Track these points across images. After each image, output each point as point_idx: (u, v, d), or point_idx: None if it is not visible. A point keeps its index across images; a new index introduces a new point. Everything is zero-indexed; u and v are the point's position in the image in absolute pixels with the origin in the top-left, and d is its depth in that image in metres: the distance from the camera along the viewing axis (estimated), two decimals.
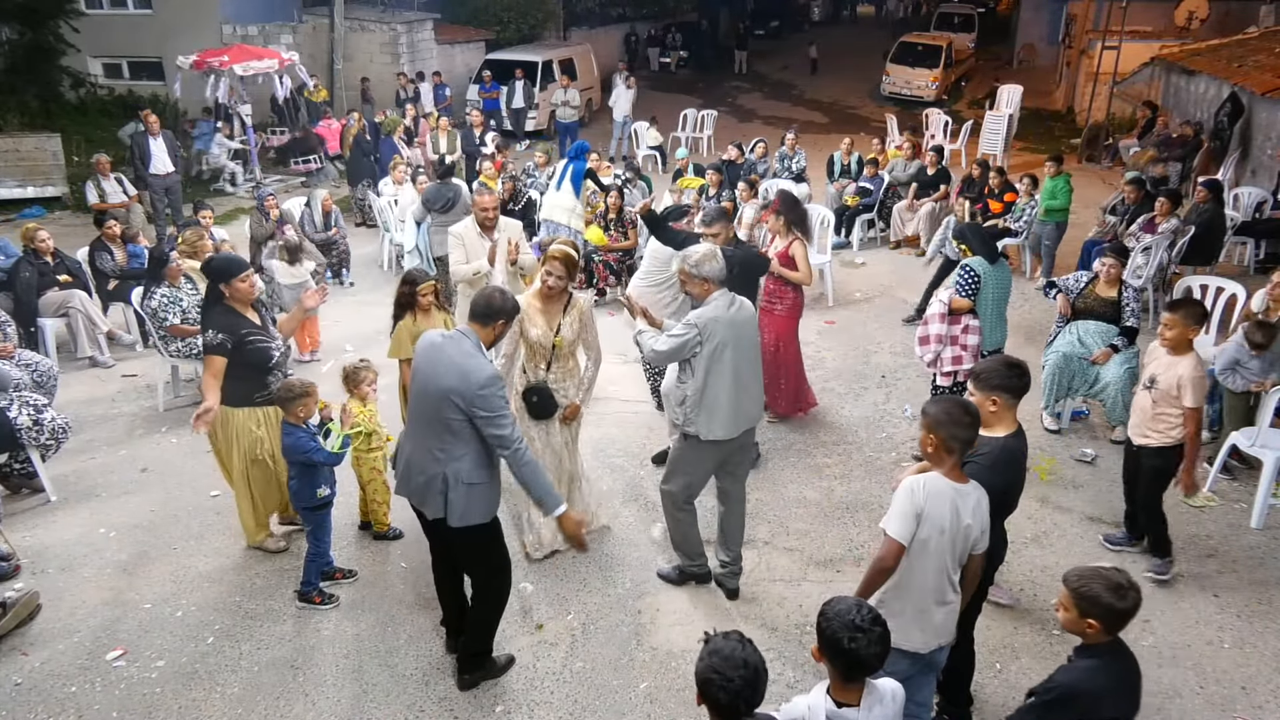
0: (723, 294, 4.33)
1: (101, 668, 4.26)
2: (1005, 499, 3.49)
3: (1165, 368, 4.57)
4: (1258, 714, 4.00)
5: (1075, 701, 2.77)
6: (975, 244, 5.83)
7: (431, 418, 3.68)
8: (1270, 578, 4.90)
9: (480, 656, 4.15)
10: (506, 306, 3.82)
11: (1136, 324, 6.16)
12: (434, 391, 3.64)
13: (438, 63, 19.44)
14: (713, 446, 4.38)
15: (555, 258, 4.67)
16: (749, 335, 4.46)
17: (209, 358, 4.64)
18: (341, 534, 5.15)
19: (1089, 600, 2.78)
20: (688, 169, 11.43)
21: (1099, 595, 2.76)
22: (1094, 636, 2.82)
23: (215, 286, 4.74)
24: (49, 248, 7.77)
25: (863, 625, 2.52)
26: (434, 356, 3.71)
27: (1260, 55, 13.19)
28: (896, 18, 42.25)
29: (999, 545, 3.56)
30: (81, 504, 5.65)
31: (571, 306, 4.81)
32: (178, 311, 6.71)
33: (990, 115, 15.92)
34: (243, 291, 4.73)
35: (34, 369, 6.15)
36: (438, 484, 3.69)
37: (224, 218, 11.70)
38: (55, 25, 14.91)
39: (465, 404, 3.59)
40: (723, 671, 2.39)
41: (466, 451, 3.68)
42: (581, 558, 4.95)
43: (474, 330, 3.75)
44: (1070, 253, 9.83)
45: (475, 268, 6.01)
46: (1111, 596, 2.76)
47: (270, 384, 4.79)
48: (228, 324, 4.65)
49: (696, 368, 4.28)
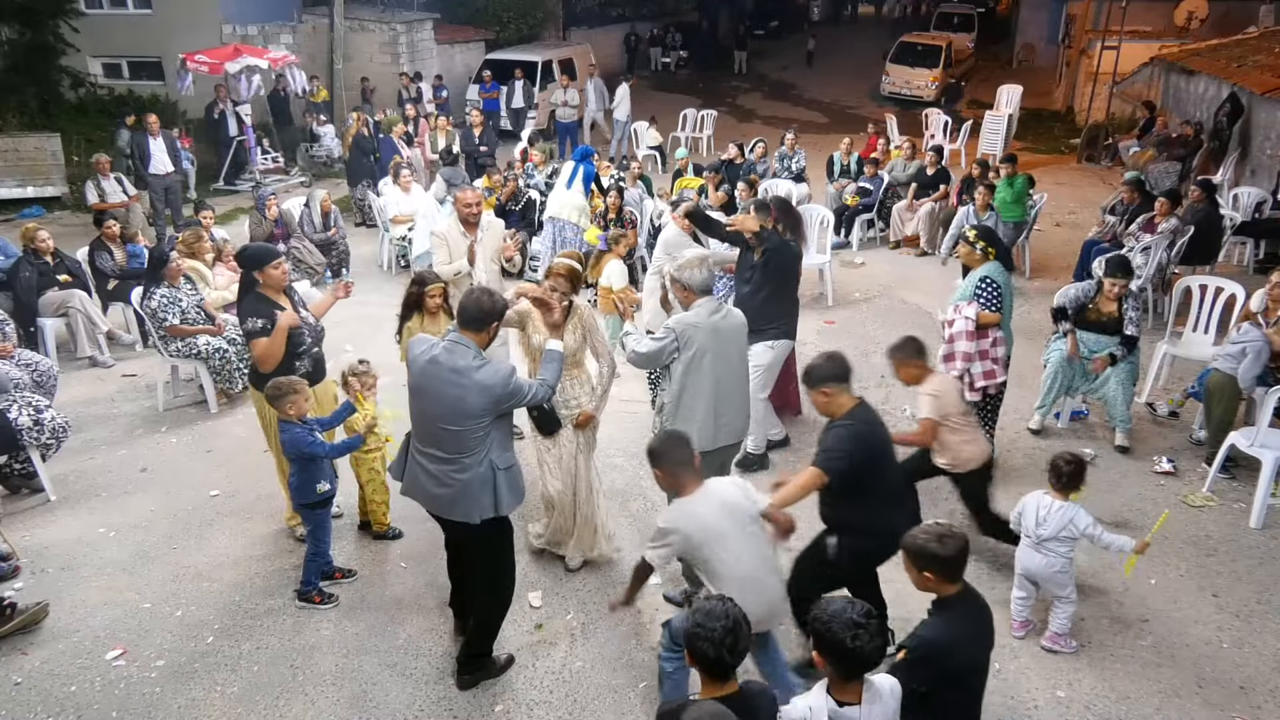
0: (708, 301, 4.33)
1: (101, 667, 4.26)
2: (877, 465, 3.72)
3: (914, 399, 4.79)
4: (1256, 714, 4.01)
5: (937, 653, 2.94)
6: (999, 248, 5.72)
7: (452, 436, 3.70)
8: (1270, 578, 4.90)
9: (480, 657, 4.15)
10: (497, 308, 3.83)
11: (1137, 333, 6.05)
12: (451, 415, 3.67)
13: (438, 63, 19.43)
14: None
15: (559, 273, 4.66)
16: (735, 345, 4.41)
17: (255, 342, 4.80)
18: (341, 534, 5.16)
19: (916, 553, 2.99)
20: (687, 169, 11.43)
21: (924, 546, 2.96)
22: (935, 586, 3.01)
23: (249, 274, 4.86)
24: (49, 247, 7.78)
25: (861, 621, 2.55)
26: (437, 376, 3.68)
27: (1260, 55, 13.20)
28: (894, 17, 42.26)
29: (887, 542, 3.48)
30: (81, 504, 5.65)
31: (573, 314, 4.75)
32: (177, 311, 6.72)
33: (990, 115, 15.92)
34: (276, 278, 4.88)
35: (34, 369, 6.15)
36: (479, 484, 3.74)
37: (224, 218, 11.70)
38: (55, 25, 14.88)
39: (497, 409, 3.72)
40: (704, 624, 2.54)
41: (492, 441, 3.77)
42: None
43: (468, 337, 3.73)
44: (1070, 253, 9.85)
45: (456, 268, 5.87)
46: (936, 546, 2.94)
47: (298, 368, 4.90)
48: (264, 310, 4.79)
49: (674, 374, 4.28)
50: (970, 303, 5.50)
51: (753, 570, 3.40)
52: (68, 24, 15.06)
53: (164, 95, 16.03)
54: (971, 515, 4.93)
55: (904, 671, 2.93)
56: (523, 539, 5.02)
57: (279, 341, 4.77)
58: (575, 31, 25.12)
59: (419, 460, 3.84)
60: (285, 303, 4.92)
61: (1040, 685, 4.14)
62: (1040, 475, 5.81)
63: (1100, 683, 4.16)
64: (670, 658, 3.66)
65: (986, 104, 18.19)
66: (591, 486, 4.90)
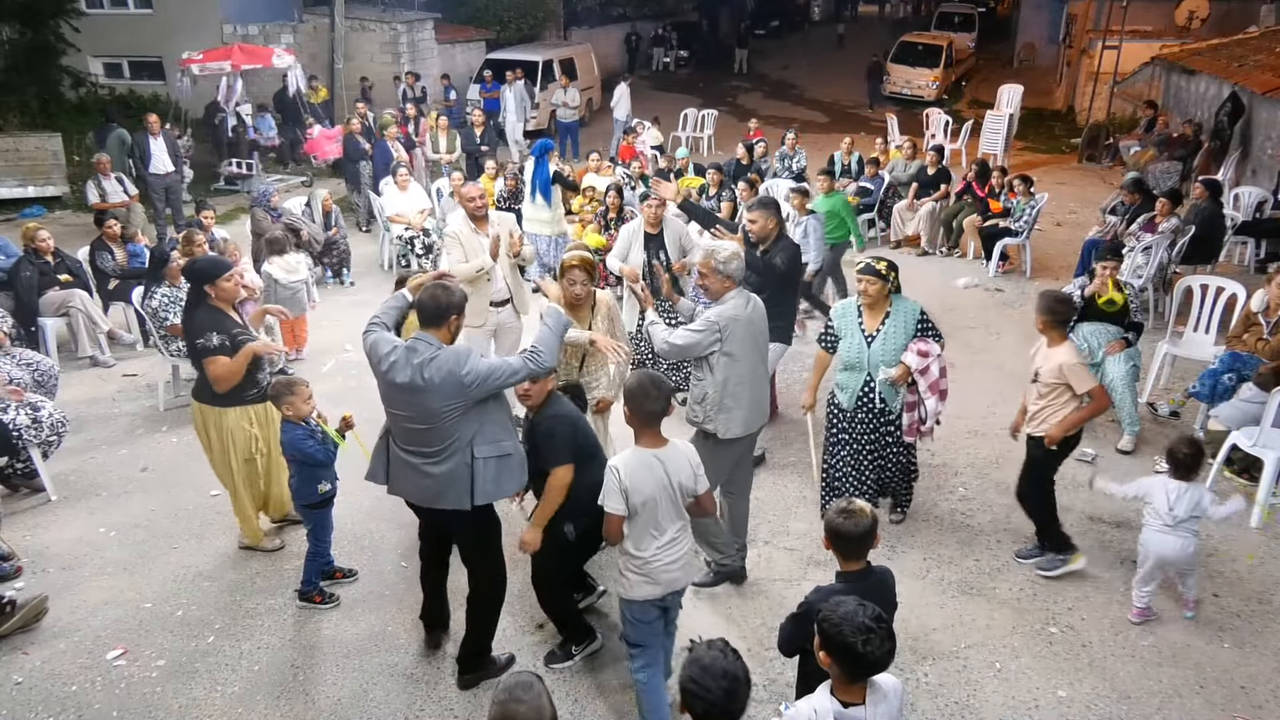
0: (739, 292, 4.35)
1: (102, 667, 4.26)
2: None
3: (1044, 359, 4.71)
4: (1258, 714, 4.00)
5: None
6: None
7: (424, 433, 3.65)
8: (1270, 578, 4.89)
9: (479, 656, 4.15)
10: (455, 300, 3.70)
11: (1143, 319, 6.16)
12: (421, 415, 3.60)
13: (438, 62, 19.43)
14: (730, 444, 4.42)
15: (574, 265, 4.70)
16: (763, 334, 4.51)
17: (211, 360, 4.58)
18: (341, 534, 5.15)
19: (829, 531, 3.09)
20: (688, 169, 11.42)
21: (832, 522, 3.06)
22: (843, 563, 3.11)
23: (199, 288, 4.69)
24: (49, 247, 7.78)
25: (871, 625, 2.50)
26: (398, 379, 3.60)
27: (1260, 55, 13.19)
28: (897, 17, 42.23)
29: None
30: (81, 503, 5.65)
31: (598, 306, 4.91)
32: (178, 311, 6.71)
33: (990, 115, 15.91)
34: (228, 291, 4.72)
35: (34, 368, 6.16)
36: (461, 472, 3.65)
37: (225, 217, 11.70)
38: (56, 25, 14.89)
39: (466, 395, 3.57)
40: (701, 681, 2.40)
41: (476, 428, 3.66)
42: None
43: (430, 334, 3.64)
44: (1070, 253, 9.85)
45: (478, 264, 5.79)
46: (845, 523, 3.02)
47: (260, 381, 4.79)
48: (219, 324, 4.63)
49: (716, 366, 4.29)
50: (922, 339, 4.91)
51: (666, 542, 3.55)
52: (68, 24, 15.07)
53: (164, 95, 16.03)
54: (1032, 486, 4.89)
55: (789, 626, 3.07)
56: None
57: (242, 364, 4.62)
58: (575, 31, 25.12)
59: (401, 457, 3.77)
60: (236, 316, 4.79)
61: (1041, 685, 4.14)
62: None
63: (1101, 682, 4.15)
64: (641, 668, 3.67)
65: (987, 104, 18.19)
66: None
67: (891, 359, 4.82)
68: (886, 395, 4.92)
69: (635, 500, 3.42)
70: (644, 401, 3.44)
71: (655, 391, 3.45)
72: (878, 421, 5.00)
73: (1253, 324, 6.12)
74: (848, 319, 4.99)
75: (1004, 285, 9.66)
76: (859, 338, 4.91)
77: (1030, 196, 9.81)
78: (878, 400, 4.93)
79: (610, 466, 3.45)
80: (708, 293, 4.44)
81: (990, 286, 9.63)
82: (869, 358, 4.87)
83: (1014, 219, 9.86)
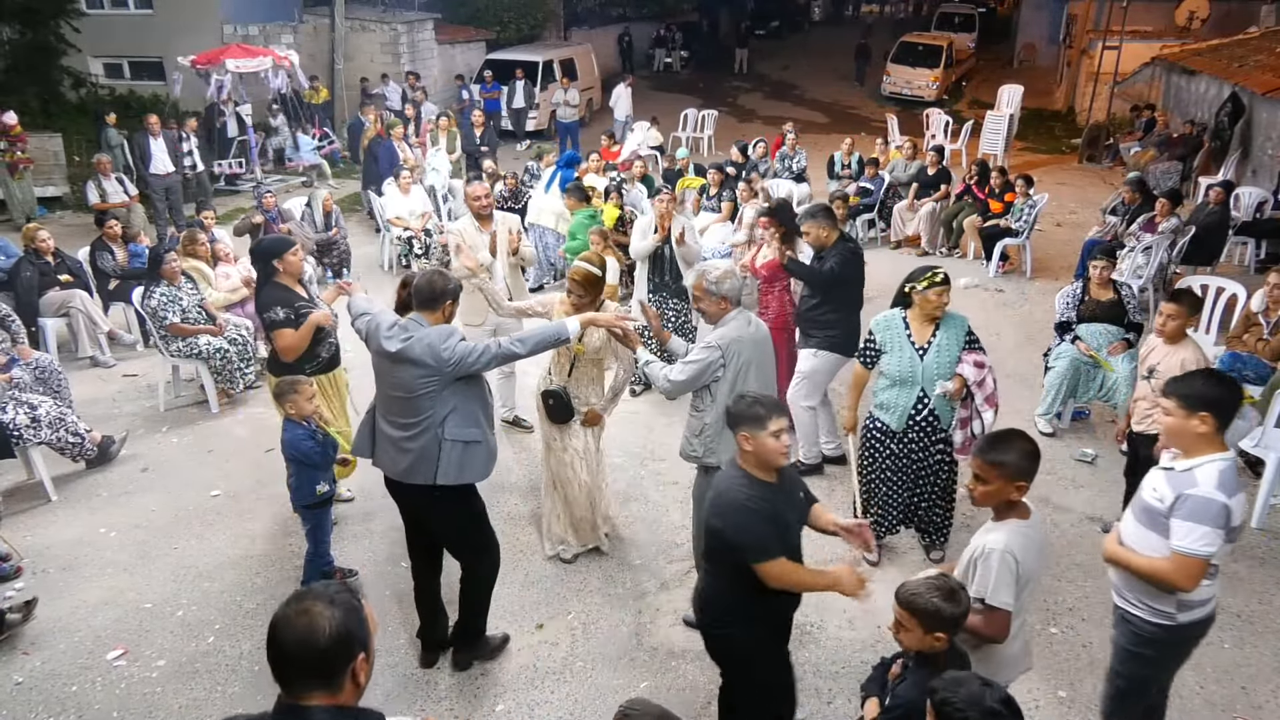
0: (739, 312, 4.14)
1: (102, 667, 4.26)
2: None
3: (1165, 355, 4.68)
4: (1258, 714, 4.00)
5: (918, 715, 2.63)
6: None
7: (402, 402, 3.78)
8: (1270, 578, 4.90)
9: (473, 635, 4.17)
10: (449, 287, 3.87)
11: (1142, 319, 6.17)
12: (402, 382, 3.75)
13: (438, 63, 19.44)
14: None
15: (574, 278, 4.63)
16: (769, 354, 4.24)
17: (279, 332, 4.81)
18: (341, 533, 5.16)
19: (931, 615, 2.67)
20: (688, 169, 11.42)
21: (940, 609, 2.66)
22: (942, 647, 2.72)
23: (268, 265, 4.92)
24: (50, 247, 7.78)
25: (1000, 710, 2.24)
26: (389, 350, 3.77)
27: (1261, 55, 13.20)
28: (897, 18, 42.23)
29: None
30: (82, 504, 5.65)
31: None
32: (178, 310, 6.72)
33: (990, 115, 15.92)
34: (294, 265, 4.97)
35: (34, 365, 6.16)
36: (431, 450, 3.77)
37: (225, 218, 11.69)
38: (56, 25, 14.90)
39: (441, 371, 3.70)
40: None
41: (449, 410, 3.78)
42: (580, 558, 4.99)
43: (424, 317, 3.81)
44: (1070, 253, 9.84)
45: (481, 259, 5.92)
46: (951, 606, 2.67)
47: (320, 354, 5.01)
48: (284, 299, 4.86)
49: (718, 393, 3.97)
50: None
51: None
52: (69, 24, 15.08)
53: (165, 95, 16.03)
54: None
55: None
56: (539, 551, 5.06)
57: (306, 335, 4.89)
58: (575, 31, 25.15)
59: (383, 429, 3.93)
60: (302, 290, 5.02)
61: (1041, 686, 4.14)
62: (1046, 478, 5.81)
63: (1102, 683, 4.15)
64: None
65: (987, 104, 18.20)
66: (596, 484, 5.00)
67: (946, 372, 4.48)
68: (941, 412, 4.57)
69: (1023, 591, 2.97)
70: (1029, 465, 2.98)
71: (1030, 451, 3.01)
72: (928, 440, 4.63)
73: (1253, 324, 6.13)
74: (893, 331, 4.58)
75: (1004, 285, 9.66)
76: (909, 351, 4.52)
77: (1029, 197, 9.82)
78: (931, 417, 4.59)
79: (1005, 553, 2.94)
80: (705, 316, 4.21)
81: (991, 287, 9.63)
82: (922, 372, 4.51)
83: (1014, 219, 9.86)
